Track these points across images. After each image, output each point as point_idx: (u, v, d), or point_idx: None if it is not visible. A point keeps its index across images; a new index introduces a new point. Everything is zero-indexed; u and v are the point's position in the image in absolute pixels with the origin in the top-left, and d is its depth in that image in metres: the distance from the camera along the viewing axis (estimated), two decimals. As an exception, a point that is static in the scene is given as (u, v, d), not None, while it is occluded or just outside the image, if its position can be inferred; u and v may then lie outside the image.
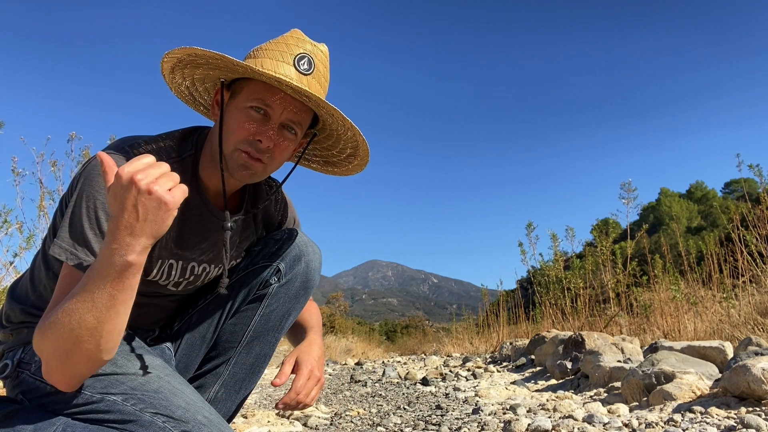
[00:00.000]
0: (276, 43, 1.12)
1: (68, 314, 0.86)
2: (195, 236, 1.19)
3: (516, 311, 8.00)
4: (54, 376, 0.92)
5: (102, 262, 0.85)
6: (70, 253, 0.97)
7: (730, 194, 28.88)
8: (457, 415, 2.52)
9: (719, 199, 26.64)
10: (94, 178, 1.00)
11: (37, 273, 1.16)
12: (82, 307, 0.85)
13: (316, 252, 1.37)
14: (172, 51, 1.07)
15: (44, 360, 0.91)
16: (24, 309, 1.14)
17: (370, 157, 1.26)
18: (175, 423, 0.97)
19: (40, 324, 0.91)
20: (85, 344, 0.87)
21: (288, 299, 1.33)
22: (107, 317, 0.86)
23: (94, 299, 0.85)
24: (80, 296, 0.86)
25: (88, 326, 0.86)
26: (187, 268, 1.22)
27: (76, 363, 0.90)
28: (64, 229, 0.99)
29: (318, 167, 1.38)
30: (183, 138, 1.16)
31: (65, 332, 0.86)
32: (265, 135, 1.08)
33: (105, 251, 0.84)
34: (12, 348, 1.13)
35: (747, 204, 5.79)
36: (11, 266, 4.76)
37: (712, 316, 4.47)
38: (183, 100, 1.28)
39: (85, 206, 0.99)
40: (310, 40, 1.15)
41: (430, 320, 36.51)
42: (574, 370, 3.59)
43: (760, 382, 1.94)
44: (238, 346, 1.32)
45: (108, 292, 0.85)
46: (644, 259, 6.41)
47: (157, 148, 1.10)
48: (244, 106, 1.09)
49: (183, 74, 1.18)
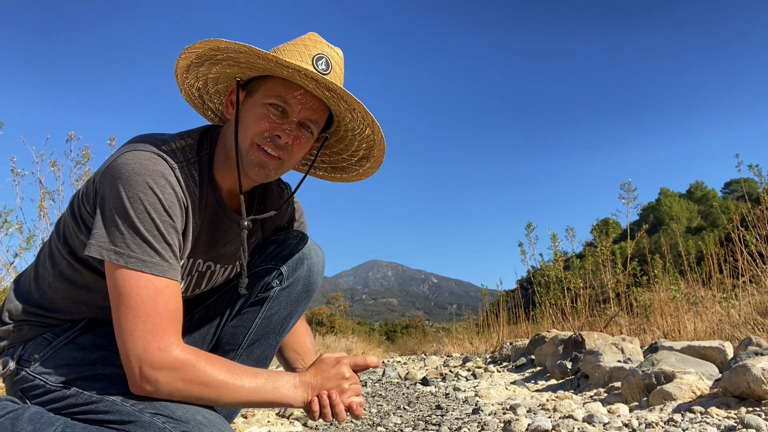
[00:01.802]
0: (294, 44, 1.11)
1: (225, 389, 0.99)
2: (209, 237, 1.19)
3: (516, 311, 8.00)
4: (149, 393, 0.98)
5: (282, 387, 1.03)
6: (128, 257, 0.96)
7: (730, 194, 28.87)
8: (457, 415, 2.52)
9: (719, 199, 26.64)
10: (132, 177, 0.98)
11: (42, 271, 1.15)
12: (237, 390, 1.00)
13: (319, 255, 1.36)
14: (193, 45, 1.06)
15: (177, 389, 0.98)
16: (26, 307, 1.14)
17: (385, 156, 1.24)
18: (175, 423, 0.96)
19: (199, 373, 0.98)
20: (207, 399, 1.01)
21: (290, 303, 1.33)
22: (237, 404, 1.03)
23: (249, 395, 1.01)
24: (243, 387, 1.00)
25: (221, 401, 1.01)
26: (194, 266, 1.21)
27: (185, 398, 1.00)
28: (114, 231, 0.97)
29: (325, 174, 1.37)
30: (201, 136, 1.15)
31: (206, 395, 0.99)
32: (284, 130, 1.08)
33: (289, 382, 1.05)
34: (12, 345, 1.13)
35: (747, 204, 5.79)
36: (11, 266, 4.76)
37: (712, 316, 4.47)
38: (191, 104, 1.27)
39: (131, 207, 0.97)
40: (328, 42, 1.14)
41: (430, 320, 36.49)
42: (574, 370, 3.59)
43: (760, 382, 1.94)
44: (238, 349, 1.32)
45: (259, 402, 1.02)
46: (644, 259, 6.41)
47: (181, 145, 1.09)
48: (262, 102, 1.09)
49: (197, 74, 1.17)
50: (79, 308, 1.13)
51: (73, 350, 1.08)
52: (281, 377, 1.05)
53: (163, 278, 0.98)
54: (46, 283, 1.14)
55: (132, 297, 0.95)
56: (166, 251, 1.00)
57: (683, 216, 29.71)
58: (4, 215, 4.85)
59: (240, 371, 1.02)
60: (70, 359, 1.07)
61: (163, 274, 0.98)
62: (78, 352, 1.08)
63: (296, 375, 1.07)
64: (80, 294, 1.11)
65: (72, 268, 1.10)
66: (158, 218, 0.99)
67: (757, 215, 5.30)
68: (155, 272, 0.97)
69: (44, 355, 1.08)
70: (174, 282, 1.00)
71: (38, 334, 1.11)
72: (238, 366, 1.03)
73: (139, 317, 0.95)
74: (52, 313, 1.13)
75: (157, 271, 0.97)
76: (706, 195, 33.89)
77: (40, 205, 4.90)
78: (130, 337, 0.95)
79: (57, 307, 1.13)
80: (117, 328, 0.97)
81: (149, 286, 0.96)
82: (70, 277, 1.11)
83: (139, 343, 0.94)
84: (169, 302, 0.98)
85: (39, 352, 1.09)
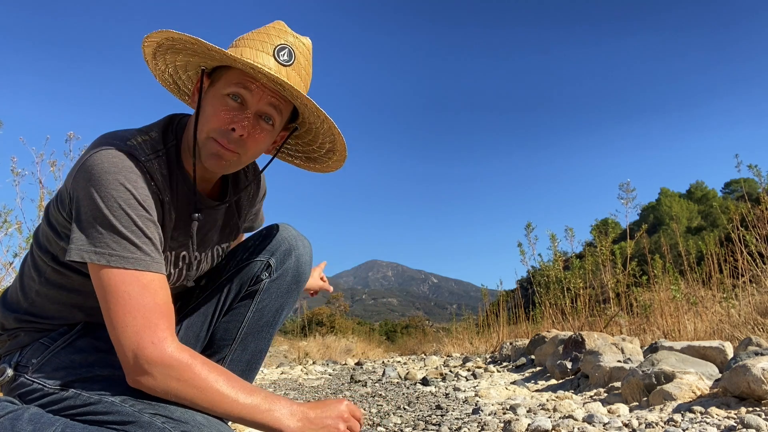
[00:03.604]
0: (258, 33, 1.10)
1: (217, 396, 0.97)
2: (185, 225, 1.18)
3: (516, 311, 7.99)
4: (145, 387, 0.98)
5: (277, 411, 1.00)
6: (109, 255, 0.96)
7: (730, 194, 28.88)
8: (457, 415, 2.52)
9: (719, 199, 26.63)
10: (102, 176, 0.98)
11: (27, 281, 1.15)
12: (230, 403, 0.97)
13: (306, 246, 1.37)
14: (151, 34, 1.05)
15: (171, 388, 0.97)
16: (17, 317, 1.14)
17: (347, 151, 1.24)
18: (174, 423, 0.96)
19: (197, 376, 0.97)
20: (199, 404, 0.99)
21: (280, 294, 1.33)
22: (228, 416, 1.00)
23: (241, 410, 0.98)
24: (237, 402, 0.98)
25: (215, 411, 0.99)
26: (179, 257, 1.21)
27: (177, 399, 0.99)
28: (92, 232, 0.97)
29: (301, 163, 1.37)
30: (165, 128, 1.15)
31: (199, 401, 0.97)
32: (240, 124, 1.06)
33: (286, 408, 1.01)
34: (9, 352, 1.13)
35: (747, 204, 5.79)
36: (11, 266, 4.76)
37: (712, 316, 4.47)
38: (168, 89, 1.26)
39: (105, 206, 0.97)
40: (293, 32, 1.13)
41: (430, 320, 36.49)
42: (574, 370, 3.59)
43: (760, 382, 1.94)
44: (233, 344, 1.32)
45: (250, 420, 0.98)
46: (644, 259, 6.41)
47: (146, 139, 1.08)
48: (222, 93, 1.08)
49: (165, 60, 1.16)
50: (71, 312, 1.12)
51: (70, 353, 1.08)
52: (279, 401, 1.02)
53: (147, 272, 0.98)
54: (33, 291, 1.13)
55: (119, 294, 0.95)
56: (147, 245, 0.99)
57: (683, 216, 29.72)
58: (4, 215, 4.85)
59: (238, 384, 1.00)
60: (68, 362, 1.07)
61: (146, 269, 0.98)
62: (76, 355, 1.08)
63: (295, 403, 1.04)
64: (70, 297, 1.11)
65: (58, 273, 1.10)
66: (134, 213, 0.98)
67: (757, 215, 5.30)
68: (138, 267, 0.97)
69: (42, 360, 1.08)
70: (159, 275, 1.00)
71: (35, 340, 1.11)
72: (236, 378, 1.02)
73: (129, 313, 0.95)
74: (45, 320, 1.13)
75: (140, 266, 0.97)
76: (706, 195, 33.91)
77: (40, 205, 4.90)
78: (123, 334, 0.95)
79: (48, 313, 1.13)
80: (109, 326, 0.97)
81: (134, 281, 0.96)
82: (57, 282, 1.11)
83: (132, 338, 0.94)
84: (156, 296, 0.98)
85: (36, 357, 1.08)
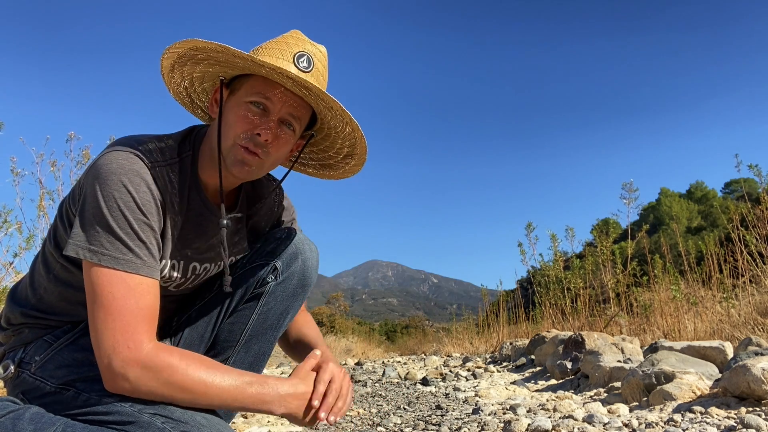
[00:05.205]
0: (276, 42, 1.12)
1: (210, 388, 0.97)
2: (195, 236, 1.19)
3: (516, 311, 8.00)
4: (122, 390, 0.97)
5: (271, 393, 1.01)
6: (102, 255, 0.97)
7: (730, 194, 28.87)
8: (457, 415, 2.52)
9: (719, 199, 26.62)
10: (108, 176, 0.99)
11: (37, 277, 1.16)
12: (223, 392, 0.98)
13: (312, 250, 1.37)
14: (173, 45, 1.07)
15: (151, 390, 0.96)
16: (24, 312, 1.15)
17: (367, 155, 1.25)
18: (174, 423, 0.96)
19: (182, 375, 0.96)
20: (185, 400, 0.99)
21: (285, 297, 1.33)
22: (216, 404, 1.00)
23: (236, 397, 0.98)
24: (230, 389, 0.98)
25: (199, 402, 0.99)
26: (189, 268, 1.21)
27: (162, 398, 0.98)
28: (90, 230, 0.98)
29: (314, 172, 1.38)
30: (182, 138, 1.17)
31: (180, 399, 0.97)
32: (264, 128, 1.08)
33: (274, 389, 1.01)
34: (13, 348, 1.14)
35: (747, 204, 5.79)
36: (11, 266, 4.76)
37: (712, 316, 4.47)
38: (181, 103, 1.28)
39: (106, 206, 0.98)
40: (310, 40, 1.15)
41: (430, 320, 36.48)
42: (574, 370, 3.59)
43: (760, 382, 1.94)
44: (236, 345, 1.32)
45: (239, 403, 0.99)
46: (644, 259, 6.41)
47: (160, 146, 1.10)
48: (244, 101, 1.09)
49: (182, 73, 1.18)
50: (77, 309, 1.13)
51: (73, 352, 1.09)
52: (268, 380, 1.03)
53: (136, 275, 0.98)
54: (42, 287, 1.14)
55: (104, 295, 0.96)
56: (140, 249, 1.00)
57: (683, 216, 29.72)
58: (4, 215, 4.85)
59: (219, 369, 1.00)
60: (70, 360, 1.07)
61: (136, 271, 0.98)
62: (79, 354, 1.08)
63: (285, 380, 1.05)
64: (75, 295, 1.12)
65: (66, 270, 1.11)
66: (132, 216, 0.99)
67: (757, 215, 5.30)
68: (128, 269, 0.97)
69: (45, 357, 1.09)
70: (149, 279, 1.00)
71: (38, 337, 1.12)
72: (217, 364, 1.02)
73: (110, 315, 0.95)
74: (51, 316, 1.14)
75: (129, 269, 0.98)
76: (706, 195, 33.90)
77: (40, 205, 4.90)
78: (101, 336, 0.95)
79: (55, 309, 1.14)
80: (90, 326, 0.97)
81: (121, 283, 0.96)
82: (65, 279, 1.12)
83: (109, 341, 0.94)
84: (141, 299, 0.98)
85: (40, 354, 1.09)
